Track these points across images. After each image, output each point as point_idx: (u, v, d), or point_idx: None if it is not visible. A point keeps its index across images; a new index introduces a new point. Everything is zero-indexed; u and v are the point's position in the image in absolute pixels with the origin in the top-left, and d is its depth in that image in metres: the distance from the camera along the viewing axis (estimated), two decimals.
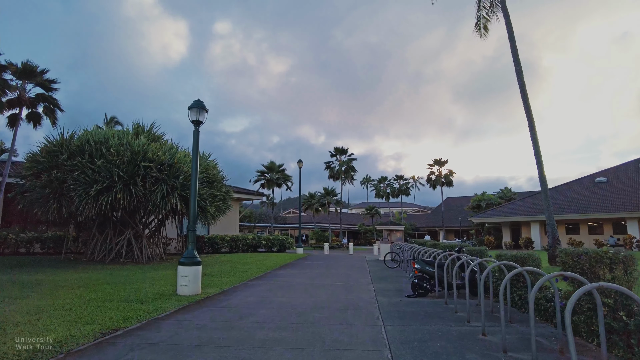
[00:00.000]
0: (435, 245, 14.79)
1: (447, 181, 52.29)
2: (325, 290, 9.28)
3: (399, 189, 61.72)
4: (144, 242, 16.36)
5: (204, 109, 9.22)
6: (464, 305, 6.87)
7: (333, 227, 54.07)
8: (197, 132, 9.23)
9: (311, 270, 14.33)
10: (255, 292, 8.93)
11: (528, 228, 40.30)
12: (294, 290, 9.27)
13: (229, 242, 23.92)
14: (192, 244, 8.74)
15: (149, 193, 14.72)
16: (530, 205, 40.50)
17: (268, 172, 32.45)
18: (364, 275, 12.61)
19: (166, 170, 15.05)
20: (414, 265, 8.31)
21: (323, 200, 44.72)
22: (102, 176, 14.21)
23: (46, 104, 21.38)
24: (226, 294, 8.55)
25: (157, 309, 6.72)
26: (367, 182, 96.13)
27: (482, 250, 9.70)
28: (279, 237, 26.80)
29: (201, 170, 16.70)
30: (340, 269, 15.06)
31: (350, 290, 9.16)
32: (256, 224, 43.80)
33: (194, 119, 9.10)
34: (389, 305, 7.22)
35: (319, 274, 12.85)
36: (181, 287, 8.39)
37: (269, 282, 10.83)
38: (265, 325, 5.64)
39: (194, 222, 8.88)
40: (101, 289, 8.64)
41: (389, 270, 14.55)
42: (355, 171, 45.62)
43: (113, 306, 6.74)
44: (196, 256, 8.67)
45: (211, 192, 16.65)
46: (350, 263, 18.08)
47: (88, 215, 14.43)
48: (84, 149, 14.83)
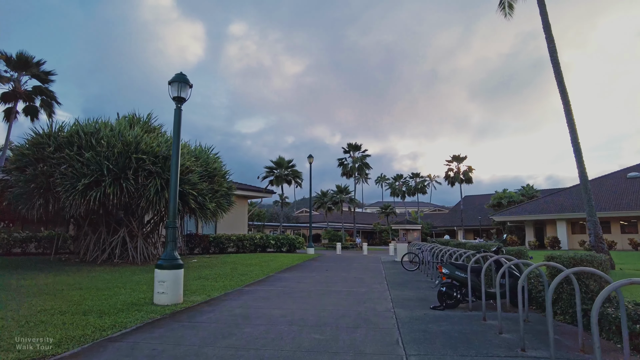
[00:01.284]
0: (460, 245, 13.11)
1: (466, 178, 49.99)
2: (333, 299, 7.75)
3: (415, 187, 59.64)
4: (139, 241, 15.10)
5: (187, 83, 7.80)
6: (507, 322, 5.28)
7: (346, 227, 52.38)
8: (179, 110, 7.82)
9: (319, 273, 12.82)
10: (248, 301, 7.47)
11: (553, 227, 37.92)
12: (295, 298, 7.77)
13: (235, 241, 22.59)
14: (172, 244, 7.32)
15: (142, 188, 13.45)
16: (556, 202, 38.12)
17: (277, 169, 30.91)
18: (379, 280, 11.03)
19: (161, 163, 13.75)
20: (441, 270, 6.71)
21: (336, 198, 42.96)
22: (90, 169, 13.00)
23: (43, 97, 20.42)
24: (212, 304, 7.11)
25: (116, 324, 5.31)
26: (382, 181, 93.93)
27: (522, 250, 8.03)
28: (288, 237, 25.38)
29: (200, 163, 15.37)
30: (352, 271, 13.51)
31: (363, 300, 7.61)
32: (265, 223, 42.37)
33: (176, 95, 7.69)
34: (411, 322, 5.65)
35: (327, 279, 11.33)
36: (158, 295, 6.99)
37: (268, 287, 9.36)
38: (243, 353, 4.15)
39: (173, 217, 7.46)
40: (67, 296, 7.31)
41: (407, 273, 12.93)
42: (370, 168, 43.76)
43: (62, 321, 5.36)
44: (176, 258, 7.25)
45: (211, 188, 15.30)
46: (363, 265, 16.50)
47: (76, 212, 13.24)
48: (72, 140, 13.65)
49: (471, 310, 6.43)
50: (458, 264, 6.79)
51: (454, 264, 6.80)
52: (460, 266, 6.73)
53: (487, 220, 54.70)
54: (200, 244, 21.55)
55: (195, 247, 21.39)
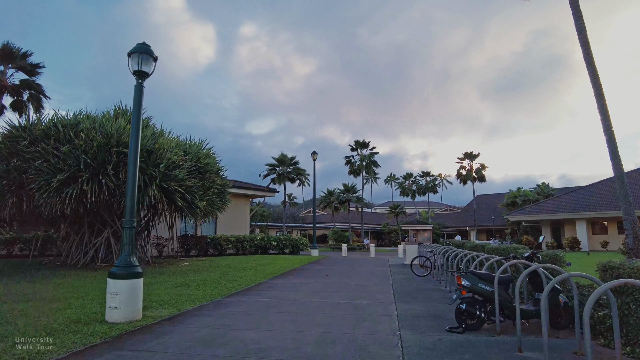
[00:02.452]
0: (476, 247, 11.63)
1: (479, 176, 48.01)
2: (326, 315, 6.38)
3: (425, 186, 57.87)
4: None
5: (151, 55, 6.51)
6: (553, 354, 3.87)
7: (354, 227, 50.85)
8: (141, 87, 6.53)
9: (318, 279, 11.45)
10: (222, 317, 6.14)
11: (572, 227, 36.01)
12: (280, 314, 6.42)
13: (234, 243, 21.34)
14: (128, 247, 6.03)
15: (124, 184, 12.25)
16: (575, 201, 36.17)
17: (279, 166, 29.39)
18: (385, 288, 9.62)
19: (144, 157, 12.54)
20: (460, 283, 5.30)
21: (342, 197, 41.32)
22: (67, 164, 11.84)
23: (32, 91, 19.41)
24: (176, 321, 5.80)
25: (30, 354, 4.02)
26: (391, 181, 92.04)
27: (557, 255, 6.56)
28: (291, 238, 24.06)
29: (190, 158, 14.12)
30: (355, 277, 12.11)
31: (363, 316, 6.22)
32: (269, 223, 40.97)
33: (136, 68, 6.40)
34: (423, 353, 4.26)
35: (325, 286, 9.96)
36: (110, 310, 5.70)
37: (254, 298, 8.03)
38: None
39: (131, 215, 6.18)
40: (2, 312, 6.06)
41: (417, 279, 11.48)
42: (378, 166, 42.02)
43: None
44: (133, 265, 5.96)
45: (202, 185, 14.04)
46: (369, 269, 15.09)
47: (52, 211, 12.09)
48: (49, 133, 12.51)
49: (499, 333, 5.01)
50: (481, 274, 5.37)
51: (477, 274, 5.38)
52: (485, 277, 5.31)
53: (500, 220, 52.78)
54: (196, 246, 20.34)
55: (191, 248, 20.19)
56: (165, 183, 12.51)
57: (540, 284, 5.12)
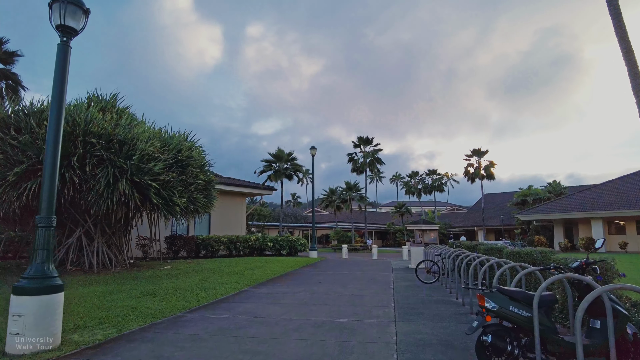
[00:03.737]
0: (492, 250, 10.06)
1: (487, 174, 46.10)
2: (302, 341, 4.90)
3: (431, 185, 56.09)
4: (97, 244, 12.55)
5: (80, 6, 5.06)
6: None
7: (358, 227, 49.26)
8: (65, 47, 5.08)
9: (308, 287, 9.97)
10: (162, 344, 4.68)
11: (586, 226, 34.20)
12: (238, 341, 4.95)
13: (226, 244, 19.92)
14: (43, 253, 4.59)
15: (91, 178, 10.87)
16: (589, 199, 34.37)
17: (276, 162, 27.73)
18: (384, 299, 8.12)
19: (115, 149, 11.16)
20: (483, 304, 3.78)
21: (344, 195, 39.64)
22: (27, 156, 10.49)
23: (9, 82, 18.14)
24: (100, 352, 4.35)
25: None
26: (397, 180, 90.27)
27: (607, 262, 5.02)
28: (289, 238, 22.59)
29: (170, 149, 12.70)
30: (352, 284, 10.61)
31: (350, 346, 4.73)
32: (266, 223, 39.40)
33: (59, 23, 4.96)
34: None
35: (313, 297, 8.48)
36: (11, 338, 4.27)
37: (221, 314, 6.57)
38: None
39: (48, 211, 4.75)
40: None
41: (423, 287, 9.95)
42: (382, 163, 40.30)
43: None
44: (50, 275, 4.53)
45: (182, 180, 12.61)
46: (369, 274, 13.58)
47: (9, 209, 10.74)
48: (8, 121, 11.15)
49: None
50: (513, 293, 3.86)
51: (506, 292, 3.87)
52: (518, 296, 3.80)
53: (509, 219, 50.99)
54: (185, 247, 18.96)
55: (180, 250, 18.81)
56: (139, 177, 11.10)
57: (597, 307, 3.60)
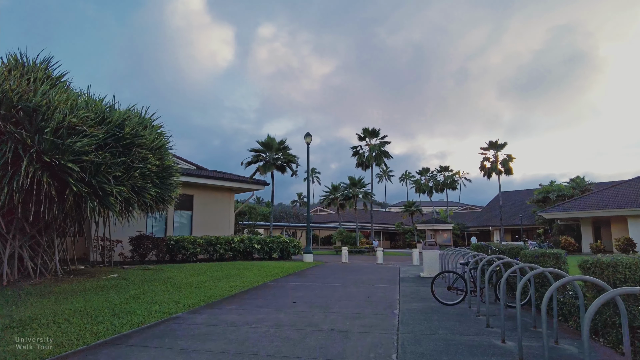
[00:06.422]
0: (543, 257, 6.82)
1: (505, 168, 42.34)
2: None
3: (443, 182, 52.52)
4: (11, 248, 9.62)
5: None
6: None
7: (363, 227, 45.94)
8: None
9: (274, 312, 6.85)
10: None
11: (621, 225, 30.46)
12: None
13: (203, 246, 16.95)
14: None
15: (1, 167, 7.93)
16: (623, 195, 30.66)
17: (265, 152, 24.45)
18: (382, 342, 4.96)
19: (22, 118, 8.21)
20: None
21: (348, 192, 36.29)
22: None
23: None
24: None
25: None
26: (406, 178, 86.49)
27: None
28: (280, 240, 19.53)
29: (107, 123, 9.71)
30: (338, 306, 7.46)
31: None
32: (256, 222, 36.15)
33: None
34: None
35: (269, 335, 5.36)
36: None
37: None
38: None
39: None
40: None
41: (443, 314, 6.74)
42: (389, 157, 36.72)
43: None
44: None
45: (123, 161, 9.61)
46: (368, 287, 10.42)
47: None
48: None
49: None
50: None
51: None
52: None
53: (528, 218, 47.31)
54: (154, 249, 16.03)
55: (147, 252, 15.88)
56: (49, 156, 8.13)
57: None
